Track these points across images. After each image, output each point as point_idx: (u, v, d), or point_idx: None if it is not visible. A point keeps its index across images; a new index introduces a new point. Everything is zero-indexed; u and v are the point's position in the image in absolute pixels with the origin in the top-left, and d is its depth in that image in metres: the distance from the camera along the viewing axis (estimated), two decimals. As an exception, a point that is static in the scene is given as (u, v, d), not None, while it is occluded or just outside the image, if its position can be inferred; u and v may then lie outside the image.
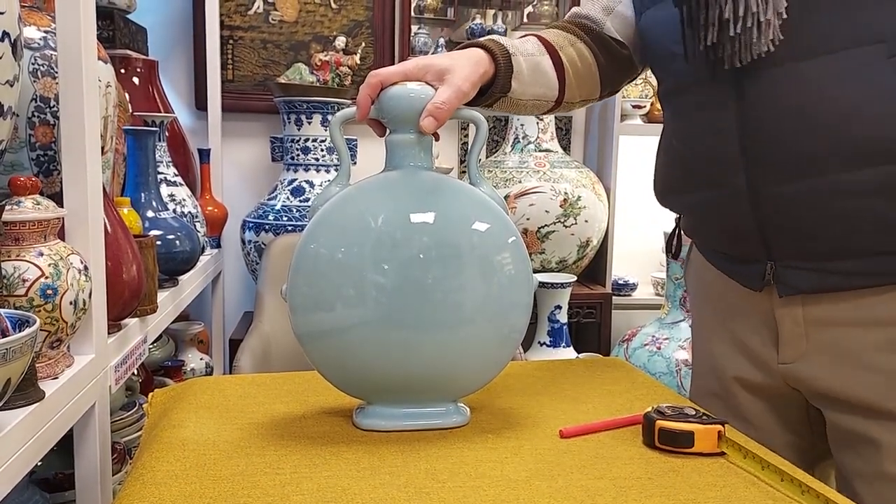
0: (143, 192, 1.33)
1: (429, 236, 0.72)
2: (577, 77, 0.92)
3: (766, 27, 0.74)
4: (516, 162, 2.06)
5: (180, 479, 0.65)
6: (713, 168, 0.84)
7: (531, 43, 0.89)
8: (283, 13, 2.13)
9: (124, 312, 1.05)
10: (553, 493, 0.63)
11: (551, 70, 0.90)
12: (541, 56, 0.89)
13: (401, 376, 0.73)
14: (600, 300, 2.12)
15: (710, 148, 0.84)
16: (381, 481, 0.64)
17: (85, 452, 0.92)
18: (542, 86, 0.89)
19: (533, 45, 0.89)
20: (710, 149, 0.84)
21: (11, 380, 0.62)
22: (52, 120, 0.98)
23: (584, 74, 0.93)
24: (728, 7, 0.75)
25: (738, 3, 0.75)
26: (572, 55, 0.92)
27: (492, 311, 0.73)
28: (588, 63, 0.93)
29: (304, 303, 0.73)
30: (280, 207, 1.89)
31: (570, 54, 0.92)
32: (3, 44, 0.76)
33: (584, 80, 0.93)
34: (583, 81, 0.93)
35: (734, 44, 0.76)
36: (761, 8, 0.74)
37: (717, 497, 0.63)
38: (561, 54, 0.90)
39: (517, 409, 0.83)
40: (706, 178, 0.86)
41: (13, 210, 0.79)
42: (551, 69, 0.90)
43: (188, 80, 2.12)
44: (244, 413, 0.81)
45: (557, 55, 0.90)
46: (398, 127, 0.77)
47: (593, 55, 0.94)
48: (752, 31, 0.74)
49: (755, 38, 0.74)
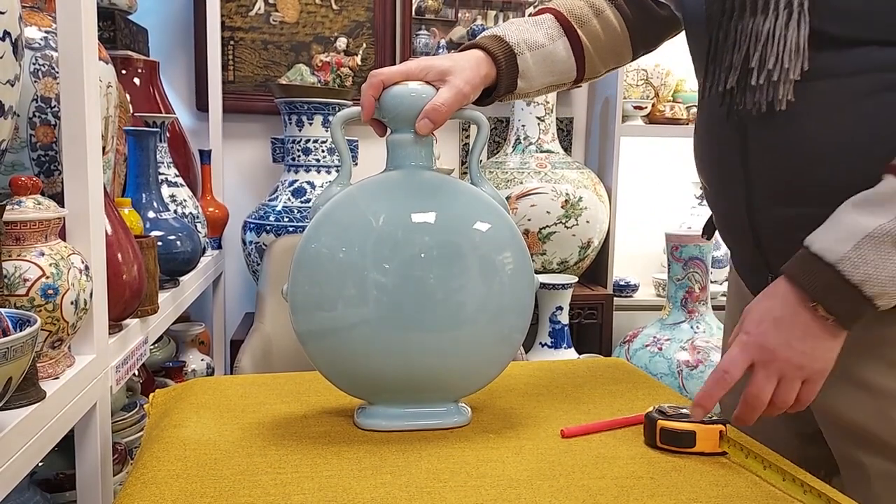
0: (143, 192, 1.33)
1: (430, 236, 0.72)
2: (600, 51, 0.90)
3: (790, 84, 0.71)
4: (517, 163, 2.06)
5: (181, 478, 0.65)
6: (720, 171, 0.84)
7: (545, 27, 0.87)
8: (283, 14, 2.13)
9: (125, 313, 1.05)
10: (554, 493, 0.63)
11: (567, 52, 0.87)
12: (554, 43, 0.86)
13: (402, 376, 0.73)
14: (601, 301, 2.11)
15: (718, 153, 0.83)
16: (383, 481, 0.64)
17: (86, 453, 0.92)
18: (556, 73, 0.88)
19: (546, 30, 0.87)
20: (718, 154, 0.84)
21: (12, 379, 0.62)
22: (53, 120, 0.98)
23: (608, 46, 0.90)
24: (756, 56, 0.72)
25: (768, 53, 0.71)
26: (594, 29, 0.89)
27: (493, 311, 0.73)
28: (615, 33, 0.90)
29: (305, 303, 0.73)
30: (281, 208, 1.89)
31: (592, 29, 0.88)
32: (4, 44, 0.76)
33: (608, 51, 0.91)
34: (607, 53, 0.91)
35: (754, 93, 0.73)
36: (791, 64, 0.70)
37: (719, 496, 0.63)
38: (580, 32, 0.87)
39: (518, 409, 0.83)
40: (715, 178, 0.86)
41: (14, 210, 0.79)
42: (567, 51, 0.87)
43: (189, 80, 2.12)
44: (245, 413, 0.81)
45: (576, 35, 0.87)
46: (399, 127, 0.77)
47: (623, 20, 0.90)
48: (777, 85, 0.71)
49: (780, 95, 0.71)
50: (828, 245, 0.67)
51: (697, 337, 1.76)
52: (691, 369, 1.72)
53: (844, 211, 0.68)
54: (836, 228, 0.68)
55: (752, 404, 0.71)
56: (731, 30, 0.75)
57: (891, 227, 0.65)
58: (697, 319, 1.80)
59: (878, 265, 0.65)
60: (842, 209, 0.69)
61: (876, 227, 0.65)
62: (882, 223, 0.65)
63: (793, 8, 0.70)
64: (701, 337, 1.77)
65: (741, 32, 0.74)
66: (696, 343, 1.75)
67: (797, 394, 0.70)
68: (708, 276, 1.80)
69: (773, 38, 0.71)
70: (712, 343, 1.76)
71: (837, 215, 0.69)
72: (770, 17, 0.71)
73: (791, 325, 0.69)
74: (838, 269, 0.66)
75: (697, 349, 1.73)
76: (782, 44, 0.70)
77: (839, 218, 0.68)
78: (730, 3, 0.75)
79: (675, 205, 2.43)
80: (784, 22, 0.70)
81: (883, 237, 0.65)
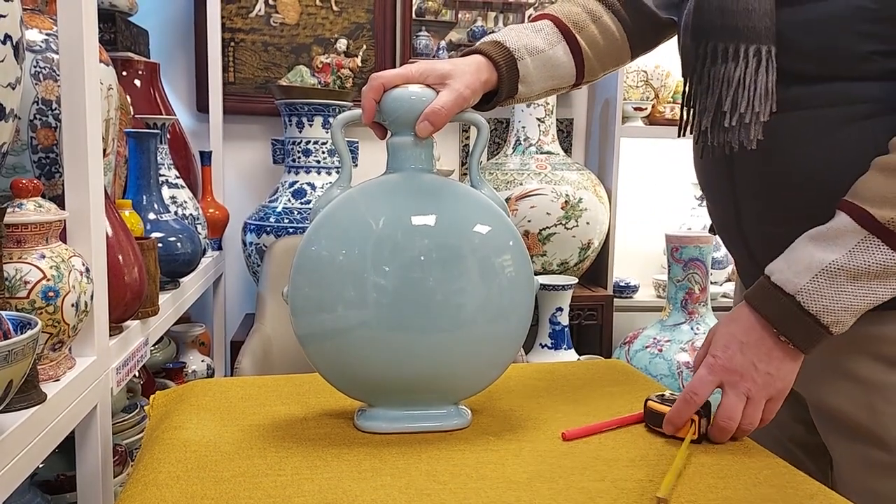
0: (144, 194, 1.33)
1: (430, 238, 0.72)
2: (599, 55, 0.91)
3: (760, 125, 0.75)
4: (517, 164, 2.06)
5: (181, 480, 0.65)
6: (712, 189, 0.89)
7: (544, 32, 0.88)
8: (284, 16, 2.13)
9: (126, 314, 1.05)
10: (554, 495, 0.63)
11: (567, 57, 0.89)
12: (553, 48, 0.87)
13: (402, 378, 0.74)
14: (601, 302, 2.11)
15: (709, 175, 0.88)
16: (383, 483, 0.64)
17: (86, 454, 0.92)
18: (555, 78, 0.89)
19: (546, 35, 0.88)
20: (709, 175, 0.88)
21: (13, 382, 0.62)
22: (53, 122, 0.99)
23: (607, 50, 0.92)
24: (728, 101, 0.76)
25: (739, 98, 0.76)
26: (592, 34, 0.90)
27: (493, 313, 0.73)
28: (613, 37, 0.92)
29: (306, 305, 0.73)
30: (281, 210, 1.89)
31: (590, 34, 0.90)
32: (6, 46, 0.76)
33: (607, 55, 0.92)
34: (606, 56, 0.92)
35: (727, 134, 0.77)
36: (762, 108, 0.75)
37: (718, 499, 0.63)
38: (579, 38, 0.89)
39: (518, 411, 0.83)
40: (709, 193, 0.90)
41: (15, 212, 0.79)
42: (567, 56, 0.89)
43: (189, 82, 2.12)
44: (245, 415, 0.81)
45: (575, 40, 0.89)
46: (399, 129, 0.77)
47: (621, 24, 0.92)
48: (749, 127, 0.76)
49: (751, 136, 0.76)
50: (787, 277, 0.73)
51: (697, 338, 1.76)
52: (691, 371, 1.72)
53: (802, 244, 0.74)
54: (794, 261, 0.73)
55: (724, 426, 0.74)
56: (704, 75, 0.79)
57: (844, 261, 0.70)
58: (697, 321, 1.79)
59: (833, 297, 0.71)
60: (799, 242, 0.74)
61: (830, 261, 0.71)
62: (835, 258, 0.71)
63: (761, 56, 0.75)
64: (701, 338, 1.77)
65: (714, 78, 0.78)
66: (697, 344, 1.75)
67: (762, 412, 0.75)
68: (708, 278, 1.80)
69: (744, 83, 0.75)
70: (712, 344, 1.76)
71: (796, 248, 0.74)
72: (741, 65, 0.76)
73: (756, 349, 0.74)
74: (797, 300, 0.72)
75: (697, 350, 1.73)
76: (752, 89, 0.75)
77: (797, 251, 0.74)
78: (702, 50, 0.79)
79: (675, 206, 2.43)
80: (754, 69, 0.75)
81: (837, 271, 0.71)
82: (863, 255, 0.70)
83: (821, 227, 0.73)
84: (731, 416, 0.74)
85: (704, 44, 0.79)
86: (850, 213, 0.71)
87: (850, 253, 0.70)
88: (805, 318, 0.71)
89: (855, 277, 0.71)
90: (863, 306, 0.71)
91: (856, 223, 0.70)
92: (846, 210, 0.71)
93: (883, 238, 0.70)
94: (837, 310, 0.71)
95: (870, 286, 0.71)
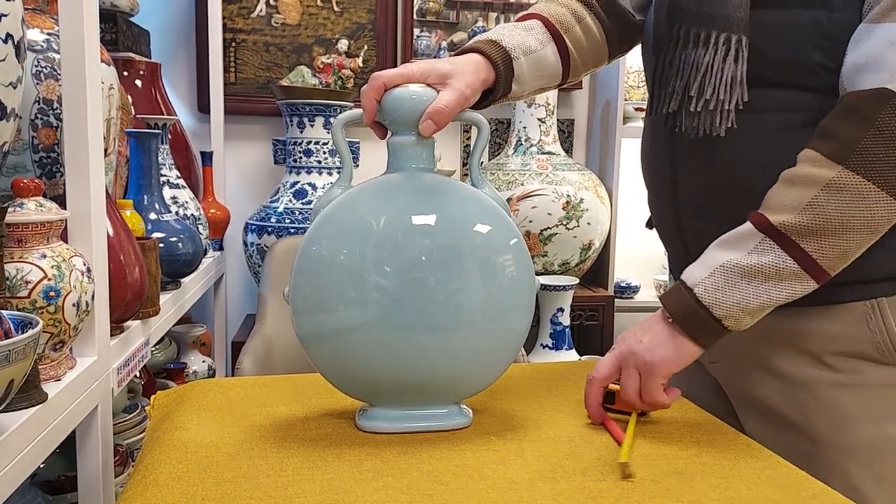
0: (145, 194, 1.33)
1: (430, 238, 0.72)
2: (583, 55, 0.93)
3: (727, 115, 0.78)
4: (518, 164, 2.06)
5: (182, 481, 0.65)
6: (655, 182, 0.92)
7: (535, 32, 0.89)
8: (285, 16, 2.13)
9: (127, 314, 1.05)
10: (556, 496, 0.63)
11: (555, 57, 0.90)
12: (544, 48, 0.89)
13: (403, 378, 0.73)
14: (603, 303, 2.11)
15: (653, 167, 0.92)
16: (384, 483, 0.64)
17: (87, 455, 0.92)
18: (544, 78, 0.90)
19: (537, 35, 0.89)
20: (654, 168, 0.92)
21: (14, 381, 0.62)
22: (55, 122, 0.99)
23: (589, 51, 0.94)
24: (695, 85, 0.79)
25: (706, 84, 0.78)
26: (577, 35, 0.92)
27: (493, 313, 0.73)
28: (595, 38, 0.94)
29: (307, 305, 0.73)
30: (282, 210, 1.89)
31: (576, 35, 0.92)
32: (7, 46, 0.76)
33: (589, 56, 0.94)
34: (588, 57, 0.94)
35: (692, 119, 0.80)
36: (727, 96, 0.78)
37: (721, 499, 0.63)
38: (566, 38, 0.91)
39: (520, 411, 0.83)
40: (651, 187, 0.94)
41: (16, 212, 0.79)
42: (555, 56, 0.90)
43: (191, 82, 2.12)
44: (246, 415, 0.81)
45: (562, 40, 0.90)
46: (400, 129, 0.77)
47: (602, 26, 0.94)
48: (714, 113, 0.79)
49: (716, 122, 0.79)
50: (691, 273, 0.78)
51: (698, 339, 1.76)
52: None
53: (711, 248, 0.78)
54: (701, 262, 0.78)
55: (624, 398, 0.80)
56: (675, 58, 0.82)
57: (739, 260, 0.75)
58: (698, 321, 1.80)
59: (728, 292, 0.75)
60: (711, 246, 0.78)
61: (727, 259, 0.75)
62: (732, 257, 0.75)
63: (731, 45, 0.77)
64: (702, 339, 1.77)
65: (684, 61, 0.81)
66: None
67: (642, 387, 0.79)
68: (709, 278, 1.80)
69: (712, 70, 0.78)
70: (713, 345, 1.76)
71: (708, 250, 0.78)
72: (710, 51, 0.78)
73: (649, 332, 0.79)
74: (695, 292, 0.76)
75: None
76: (719, 76, 0.78)
77: (706, 254, 0.78)
78: (675, 32, 0.82)
79: (677, 206, 2.43)
80: (722, 56, 0.78)
81: (733, 269, 0.75)
82: (758, 256, 0.74)
83: (730, 232, 0.77)
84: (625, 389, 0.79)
85: (678, 27, 0.81)
86: (752, 219, 0.76)
87: (748, 254, 0.75)
88: (699, 309, 0.76)
89: (749, 276, 0.74)
90: (756, 305, 0.75)
91: (754, 227, 0.75)
92: (751, 217, 0.76)
93: (776, 241, 0.74)
94: (730, 304, 0.75)
95: (764, 286, 0.74)
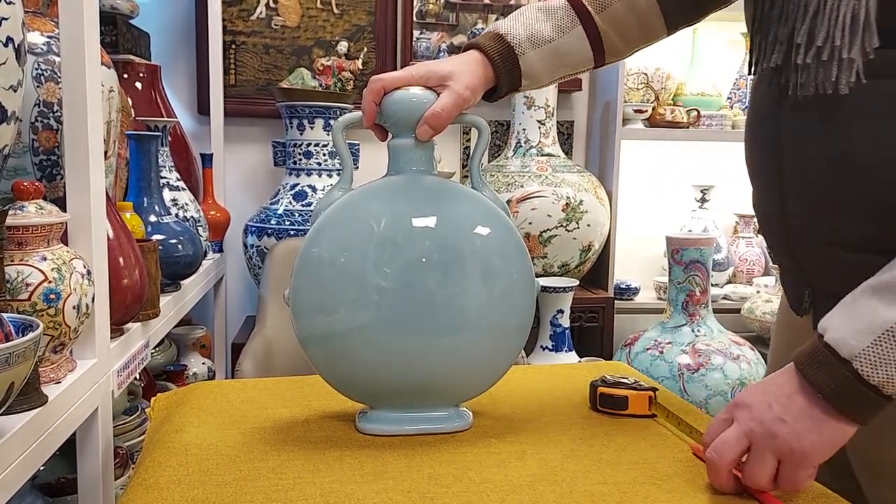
0: (145, 196, 1.33)
1: (431, 240, 0.72)
2: (623, 34, 0.83)
3: (849, 65, 0.61)
4: (518, 166, 2.06)
5: (183, 484, 0.65)
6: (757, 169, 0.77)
7: (556, 17, 0.81)
8: (285, 18, 2.13)
9: (127, 317, 1.05)
10: (557, 499, 0.63)
11: (581, 42, 0.82)
12: (564, 35, 0.81)
13: (403, 380, 0.73)
14: (602, 304, 2.11)
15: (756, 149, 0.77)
16: (385, 486, 0.64)
17: (87, 457, 0.92)
18: (568, 65, 0.83)
19: (557, 21, 0.81)
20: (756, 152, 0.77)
21: (14, 384, 0.62)
22: (55, 125, 0.99)
23: (633, 28, 0.84)
24: (803, 29, 0.63)
25: (818, 29, 0.62)
26: (615, 14, 0.82)
27: (494, 315, 0.73)
28: (642, 13, 0.82)
29: (307, 307, 0.73)
30: (282, 212, 1.89)
31: (613, 13, 0.82)
32: (7, 49, 0.76)
33: (635, 31, 0.84)
34: (633, 33, 0.84)
35: (800, 73, 0.64)
36: (844, 41, 0.60)
37: (722, 500, 0.63)
38: (597, 19, 0.81)
39: (520, 413, 0.83)
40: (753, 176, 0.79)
41: (17, 215, 0.79)
42: (581, 41, 0.82)
43: (191, 84, 2.12)
44: (246, 418, 0.81)
45: (591, 21, 0.81)
46: (400, 131, 0.77)
47: None
48: (829, 65, 0.61)
49: (831, 77, 0.62)
50: (840, 335, 0.59)
51: (698, 340, 1.76)
52: (692, 372, 1.72)
53: (862, 296, 0.60)
54: (851, 316, 0.59)
55: (748, 483, 0.63)
56: None
57: None
58: (698, 323, 1.79)
59: None
60: (859, 292, 0.60)
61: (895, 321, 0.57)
62: None
63: None
64: (702, 340, 1.77)
65: (789, 1, 0.65)
66: (697, 346, 1.74)
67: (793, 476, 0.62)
68: (709, 280, 1.79)
69: (825, 8, 0.61)
70: (713, 346, 1.76)
71: (855, 299, 0.60)
72: None
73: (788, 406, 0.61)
74: (855, 367, 0.58)
75: (698, 352, 1.73)
76: (834, 15, 0.61)
77: (857, 304, 0.60)
78: None
79: (676, 208, 2.43)
80: None
81: None
82: None
83: (885, 275, 0.59)
84: (752, 475, 0.62)
85: None
86: None
87: None
88: (861, 387, 0.58)
89: None
90: None
91: None
92: None
93: None
94: None
95: None
